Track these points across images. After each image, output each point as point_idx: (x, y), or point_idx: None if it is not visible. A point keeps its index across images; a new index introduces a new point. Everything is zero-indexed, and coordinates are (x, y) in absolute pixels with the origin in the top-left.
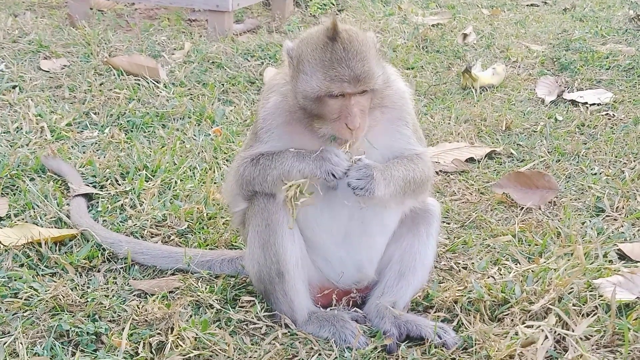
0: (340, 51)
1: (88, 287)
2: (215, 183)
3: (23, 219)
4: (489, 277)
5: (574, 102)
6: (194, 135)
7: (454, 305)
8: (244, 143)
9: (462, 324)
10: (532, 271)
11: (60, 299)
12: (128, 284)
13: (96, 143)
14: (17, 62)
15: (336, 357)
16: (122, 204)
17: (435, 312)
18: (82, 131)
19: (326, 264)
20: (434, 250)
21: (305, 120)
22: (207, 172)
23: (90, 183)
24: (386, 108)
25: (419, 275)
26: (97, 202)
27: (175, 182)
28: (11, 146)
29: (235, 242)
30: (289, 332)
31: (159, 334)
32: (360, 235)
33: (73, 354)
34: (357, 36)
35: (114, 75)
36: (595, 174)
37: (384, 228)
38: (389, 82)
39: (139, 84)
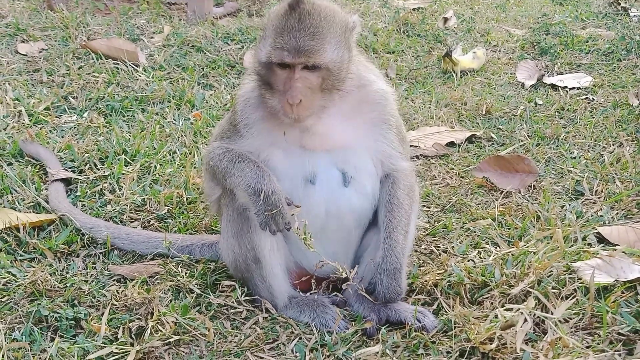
0: (294, 21)
1: (67, 272)
2: (195, 167)
3: (1, 204)
4: (468, 261)
5: (553, 86)
6: (174, 120)
7: (434, 289)
8: (219, 125)
9: (442, 307)
10: (512, 254)
11: (39, 284)
12: (107, 269)
13: (75, 127)
14: None
15: (317, 341)
16: (101, 189)
17: (415, 295)
18: (60, 115)
19: (302, 256)
20: (412, 234)
21: (262, 91)
22: (186, 157)
23: (69, 168)
24: (365, 105)
25: None
26: (76, 187)
27: (155, 167)
28: None
29: (215, 226)
30: (269, 316)
31: (138, 319)
32: (337, 229)
33: (52, 339)
34: (324, 12)
35: (93, 59)
36: (574, 157)
37: (360, 221)
38: (355, 73)
39: (117, 68)
